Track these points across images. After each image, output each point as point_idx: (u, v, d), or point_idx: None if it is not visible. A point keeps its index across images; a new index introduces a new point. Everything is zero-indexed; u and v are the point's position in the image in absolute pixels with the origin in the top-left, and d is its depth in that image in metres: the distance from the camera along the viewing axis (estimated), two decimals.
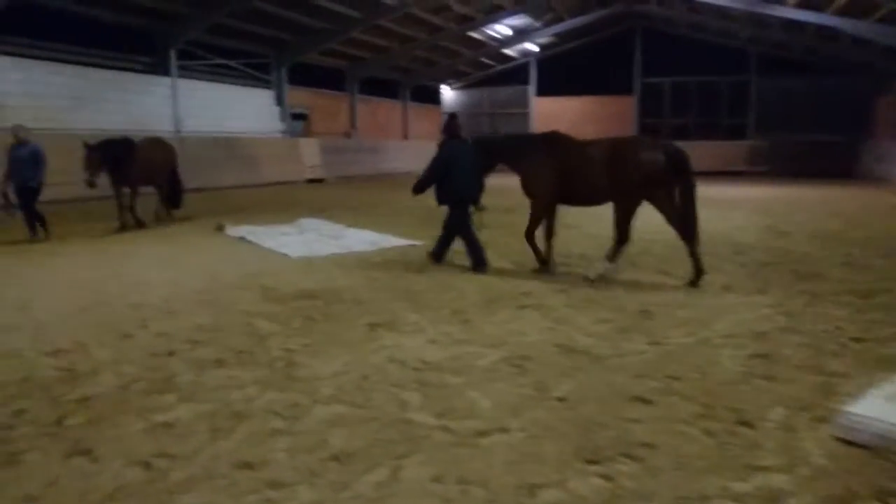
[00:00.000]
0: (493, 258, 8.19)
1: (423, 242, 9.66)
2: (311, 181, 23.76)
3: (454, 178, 7.63)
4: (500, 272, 7.67)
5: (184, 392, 3.98)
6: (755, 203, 16.59)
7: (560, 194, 7.42)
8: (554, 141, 7.62)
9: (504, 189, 12.23)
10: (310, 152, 24.49)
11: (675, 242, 7.29)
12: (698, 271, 6.83)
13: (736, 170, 30.04)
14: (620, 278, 7.26)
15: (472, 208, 7.90)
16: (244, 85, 23.03)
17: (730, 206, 15.51)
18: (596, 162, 7.01)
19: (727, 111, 33.25)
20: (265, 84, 24.16)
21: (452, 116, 8.21)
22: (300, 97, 26.30)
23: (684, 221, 6.84)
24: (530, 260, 7.87)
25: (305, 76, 26.44)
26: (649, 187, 6.78)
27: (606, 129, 33.96)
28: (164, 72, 19.23)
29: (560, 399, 3.88)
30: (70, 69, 16.21)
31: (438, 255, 8.11)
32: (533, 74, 36.53)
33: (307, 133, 26.66)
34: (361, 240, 10.20)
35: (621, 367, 4.42)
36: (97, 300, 6.32)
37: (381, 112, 32.43)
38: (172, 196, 12.65)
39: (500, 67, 36.56)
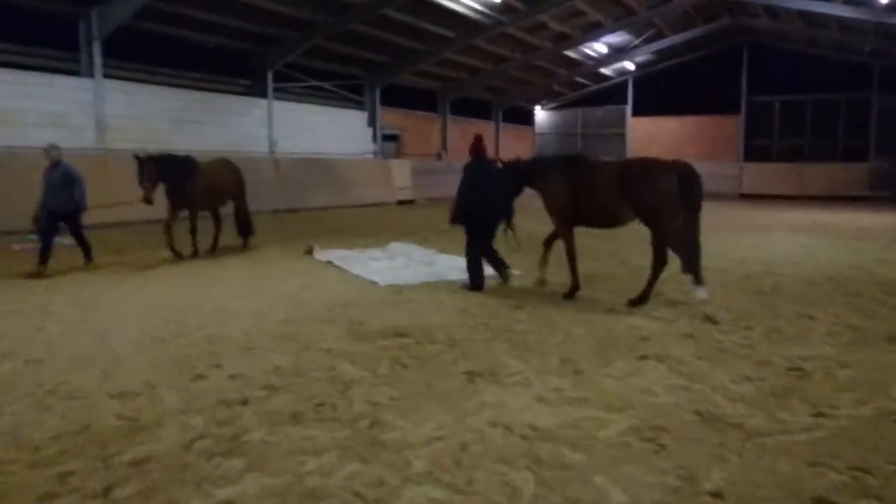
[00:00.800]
0: (601, 293, 7.34)
1: (519, 272, 8.91)
2: (402, 203, 23.49)
3: (473, 199, 7.69)
4: (611, 311, 6.80)
5: (253, 457, 3.38)
6: (889, 231, 14.83)
7: (576, 215, 7.40)
8: (573, 162, 7.60)
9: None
10: (401, 174, 24.28)
11: (815, 277, 6.21)
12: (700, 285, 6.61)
13: (855, 195, 27.62)
14: (752, 321, 6.25)
15: (502, 230, 7.96)
16: (337, 106, 23.12)
17: (856, 236, 13.90)
18: (607, 183, 6.94)
19: (845, 131, 30.71)
20: (358, 105, 24.20)
21: (478, 139, 8.35)
22: (392, 118, 26.24)
23: (686, 247, 6.65)
24: (640, 295, 6.98)
25: (398, 97, 26.37)
26: (661, 209, 6.63)
27: (710, 151, 32.28)
28: (261, 94, 19.48)
29: (714, 495, 3.01)
30: (171, 92, 16.58)
31: (502, 271, 8.14)
32: (630, 93, 35.22)
33: (398, 154, 26.53)
34: (453, 266, 9.54)
35: (786, 448, 3.49)
36: (176, 331, 5.92)
37: (473, 133, 31.96)
38: (242, 224, 11.73)
39: (595, 87, 35.49)
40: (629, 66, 32.98)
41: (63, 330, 5.95)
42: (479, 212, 7.70)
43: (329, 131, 22.04)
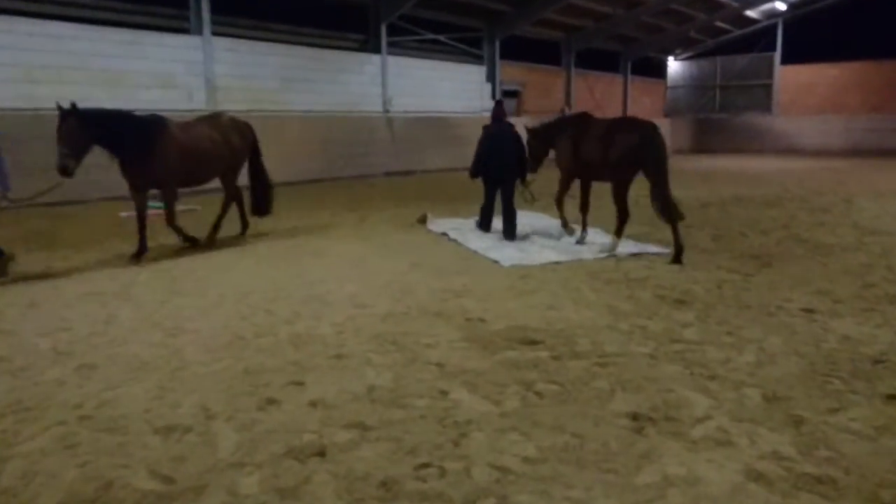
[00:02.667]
0: (784, 281, 5.69)
1: (669, 249, 7.32)
2: None
3: (487, 158, 8.48)
4: (807, 311, 5.11)
5: None
6: None
7: (577, 170, 8.00)
8: (578, 121, 8.14)
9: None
10: (522, 132, 22.64)
11: None
12: (678, 248, 6.87)
13: None
14: None
15: (519, 185, 8.76)
16: (454, 61, 21.71)
17: None
18: (595, 140, 7.41)
19: None
20: (476, 59, 22.66)
21: (499, 103, 9.17)
22: (512, 72, 24.51)
23: (659, 202, 6.92)
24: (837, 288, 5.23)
25: (518, 49, 24.54)
26: (622, 166, 7.10)
27: (877, 103, 28.19)
28: (375, 49, 18.41)
29: None
30: (281, 48, 15.81)
31: (485, 223, 8.81)
32: (779, 38, 31.28)
33: (519, 111, 24.85)
34: (589, 243, 8.06)
35: None
36: (260, 326, 4.91)
37: (600, 87, 29.62)
38: (259, 200, 9.08)
39: (738, 32, 31.80)
40: (780, 6, 29.13)
41: (136, 320, 5.10)
42: (491, 168, 8.51)
43: (445, 87, 20.73)
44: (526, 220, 10.05)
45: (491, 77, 22.90)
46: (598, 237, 8.35)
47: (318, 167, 15.65)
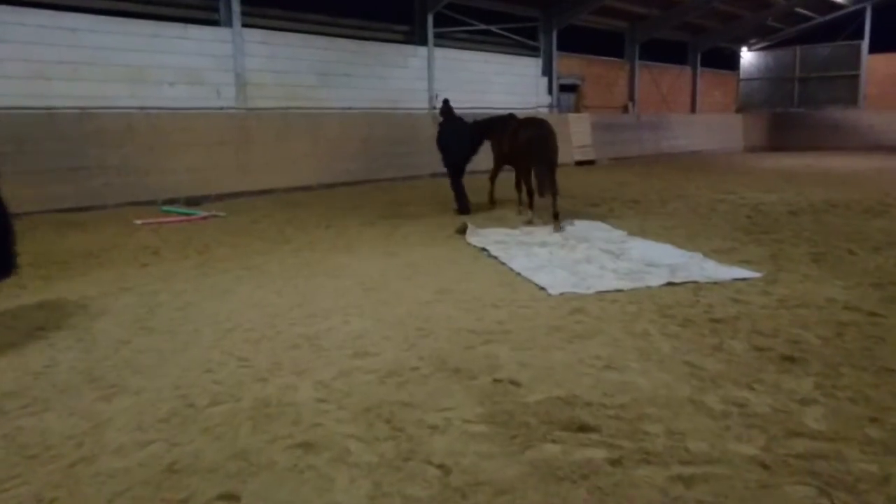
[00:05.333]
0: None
1: (761, 273, 5.88)
2: (580, 163, 20.40)
3: (447, 150, 10.12)
4: None
5: None
6: None
7: (504, 160, 10.25)
8: (504, 121, 10.16)
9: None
10: (580, 130, 21.11)
11: None
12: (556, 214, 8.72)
13: None
14: None
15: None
16: (507, 53, 20.29)
17: None
18: (510, 136, 9.51)
19: None
20: (531, 51, 21.18)
21: (446, 102, 10.68)
22: (570, 65, 22.91)
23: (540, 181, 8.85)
24: None
25: (577, 41, 22.90)
26: (518, 156, 9.41)
27: None
28: (421, 41, 17.19)
29: None
30: (318, 41, 14.72)
31: (464, 208, 10.28)
32: (867, 25, 28.59)
33: (577, 107, 23.26)
34: (657, 263, 6.63)
35: None
36: (215, 388, 3.73)
37: (666, 81, 27.65)
38: None
39: (820, 19, 29.24)
40: None
41: (75, 371, 4.01)
42: (450, 156, 10.14)
43: (497, 82, 19.35)
44: (581, 228, 8.70)
45: (547, 70, 21.40)
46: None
47: (357, 168, 14.56)
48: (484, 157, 10.95)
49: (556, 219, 8.63)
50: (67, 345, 4.48)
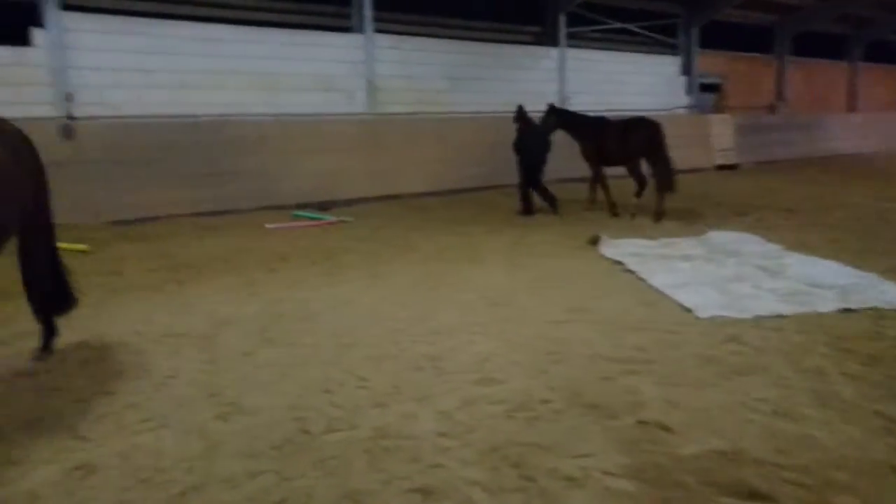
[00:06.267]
0: None
1: None
2: (722, 168, 19.00)
3: (526, 151, 10.50)
4: None
5: None
6: None
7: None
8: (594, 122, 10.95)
9: None
10: (722, 132, 19.63)
11: None
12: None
13: None
14: None
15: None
16: (643, 52, 19.25)
17: None
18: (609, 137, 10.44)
19: None
20: (669, 49, 19.99)
21: (520, 107, 10.81)
22: (712, 63, 21.40)
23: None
24: None
25: (720, 36, 21.33)
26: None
27: None
28: (552, 41, 16.63)
29: None
30: (448, 45, 14.55)
31: (528, 209, 10.57)
32: None
33: (719, 108, 21.72)
34: (824, 283, 5.79)
35: None
36: (333, 412, 3.51)
37: (819, 77, 25.27)
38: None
39: None
40: None
41: (195, 384, 3.94)
42: (528, 158, 10.44)
43: (631, 82, 18.37)
44: (728, 240, 7.84)
45: (687, 69, 20.12)
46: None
47: (485, 173, 14.25)
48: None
49: (660, 218, 9.56)
50: (191, 354, 4.45)
